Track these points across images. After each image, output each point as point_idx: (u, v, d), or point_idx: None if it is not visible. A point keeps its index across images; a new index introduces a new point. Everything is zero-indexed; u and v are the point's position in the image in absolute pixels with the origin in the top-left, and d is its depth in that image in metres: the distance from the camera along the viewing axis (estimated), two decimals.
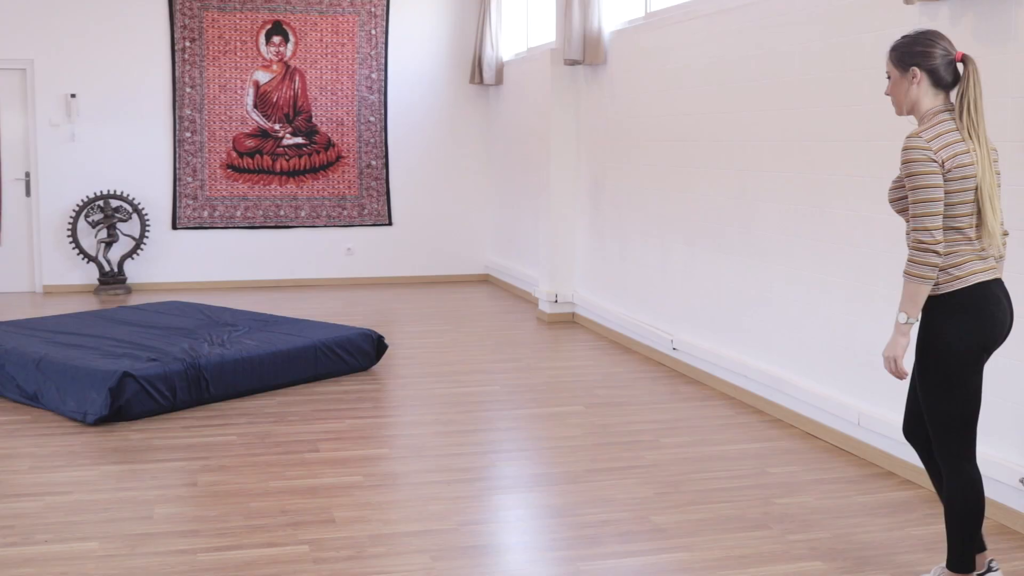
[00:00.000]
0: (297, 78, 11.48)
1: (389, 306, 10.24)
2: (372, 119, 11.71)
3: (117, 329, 7.36)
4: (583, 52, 8.64)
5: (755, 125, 6.33)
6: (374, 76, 11.66)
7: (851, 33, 5.39)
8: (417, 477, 5.11)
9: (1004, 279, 3.55)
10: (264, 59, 11.38)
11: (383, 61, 11.67)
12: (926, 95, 3.46)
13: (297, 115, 11.50)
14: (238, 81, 11.34)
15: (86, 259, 10.96)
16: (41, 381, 6.27)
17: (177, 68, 11.16)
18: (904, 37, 3.51)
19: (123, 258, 11.02)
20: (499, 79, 11.32)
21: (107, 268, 11.00)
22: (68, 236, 10.92)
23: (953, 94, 3.45)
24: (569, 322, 9.30)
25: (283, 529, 4.34)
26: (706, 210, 6.96)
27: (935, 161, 3.32)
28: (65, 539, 4.24)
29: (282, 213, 11.55)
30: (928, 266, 3.34)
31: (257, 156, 11.44)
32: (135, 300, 10.37)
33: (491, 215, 11.98)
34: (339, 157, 11.64)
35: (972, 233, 3.41)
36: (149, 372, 6.09)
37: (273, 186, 11.51)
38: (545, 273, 9.43)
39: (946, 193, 3.35)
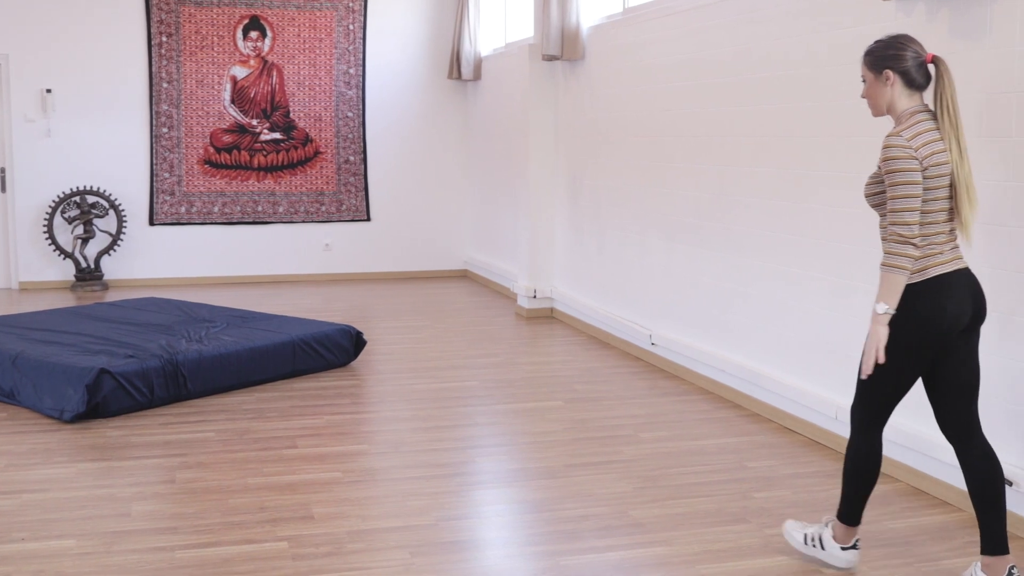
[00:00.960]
0: (275, 73, 11.44)
1: (367, 302, 10.23)
2: (350, 114, 11.68)
3: (94, 326, 7.32)
4: (561, 47, 8.64)
5: (733, 121, 6.34)
6: (352, 71, 11.64)
7: (828, 29, 5.41)
8: (396, 473, 5.11)
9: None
10: (241, 54, 11.34)
11: (361, 56, 11.65)
12: (901, 96, 3.59)
13: (275, 110, 11.47)
14: (215, 76, 11.29)
15: (63, 255, 10.90)
16: (17, 378, 6.24)
17: (154, 63, 11.11)
18: (877, 42, 3.64)
19: (100, 254, 10.96)
20: (477, 74, 11.31)
21: (84, 264, 10.94)
22: (44, 232, 10.86)
23: (928, 94, 3.58)
24: (548, 317, 9.30)
25: (261, 526, 4.33)
26: (685, 205, 6.97)
27: (915, 159, 3.44)
28: (42, 537, 4.22)
29: (260, 209, 11.52)
30: (906, 258, 3.46)
31: (235, 152, 11.40)
32: (112, 296, 10.32)
33: (470, 210, 11.98)
34: (317, 153, 11.61)
35: (947, 227, 3.55)
36: (126, 369, 6.06)
37: (251, 182, 11.47)
38: (524, 268, 9.43)
39: (924, 190, 3.46)
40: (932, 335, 3.55)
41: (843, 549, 3.89)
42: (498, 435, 5.76)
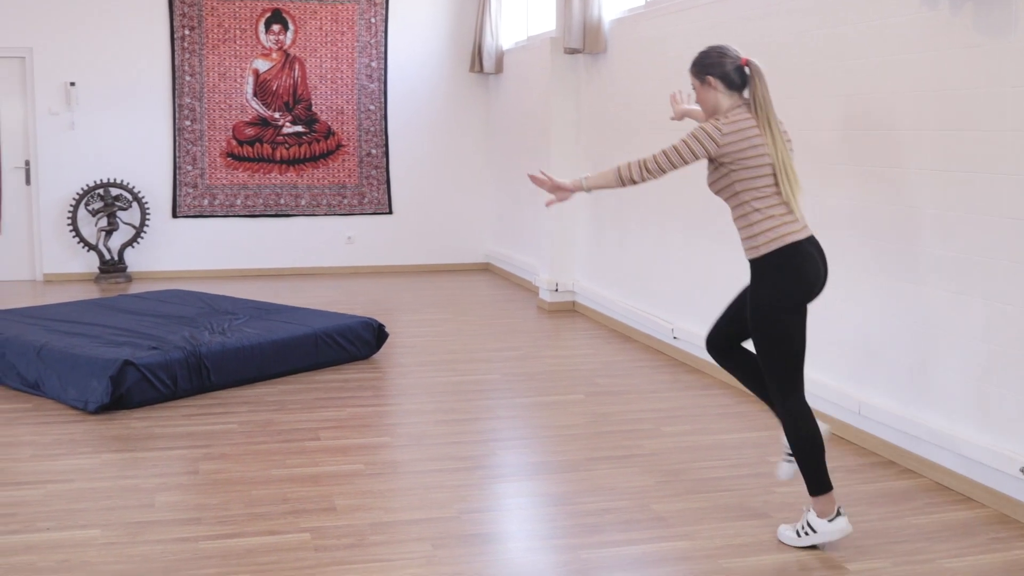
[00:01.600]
0: (297, 66, 11.46)
1: (389, 295, 10.25)
2: (372, 107, 11.70)
3: (118, 317, 7.36)
4: (583, 41, 8.63)
5: None
6: (374, 65, 11.65)
7: (850, 23, 5.38)
8: (418, 465, 5.12)
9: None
10: (264, 47, 11.37)
11: (383, 50, 11.66)
12: (724, 97, 4.11)
13: (297, 103, 11.49)
14: (238, 69, 11.32)
15: (86, 247, 10.96)
16: (42, 369, 6.28)
17: (177, 56, 11.15)
18: (699, 53, 4.18)
19: (123, 246, 11.02)
20: (499, 68, 11.31)
21: (107, 256, 11.00)
22: (68, 224, 10.92)
23: (747, 93, 4.10)
24: (569, 311, 9.30)
25: (284, 517, 4.35)
26: (706, 199, 6.94)
27: (715, 143, 3.97)
28: (67, 527, 4.25)
29: (282, 202, 11.55)
30: (633, 180, 4.12)
31: (257, 144, 11.44)
32: (135, 288, 10.37)
33: (491, 204, 11.98)
34: (339, 145, 11.63)
35: (779, 200, 4.01)
36: (150, 360, 6.10)
37: (273, 174, 11.51)
38: (545, 262, 9.44)
39: (745, 168, 3.98)
40: (806, 291, 4.00)
41: (830, 521, 4.02)
42: (520, 428, 5.77)
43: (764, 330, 4.03)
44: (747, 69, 4.07)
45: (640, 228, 8.02)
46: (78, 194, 10.91)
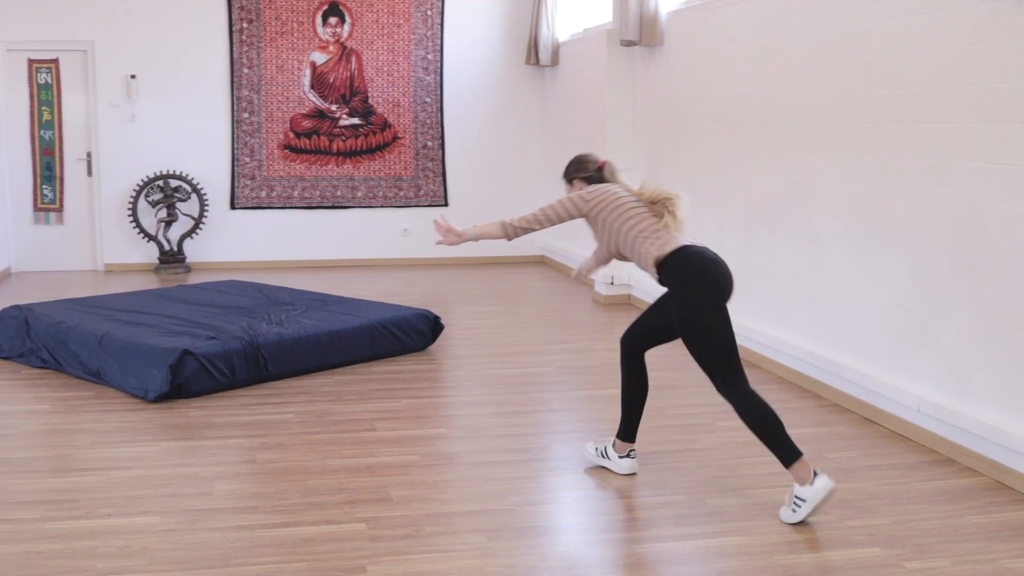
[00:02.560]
0: (353, 59, 11.52)
1: (445, 287, 10.27)
2: (428, 100, 11.73)
3: (177, 307, 7.45)
4: (640, 33, 8.59)
5: (814, 107, 6.26)
6: (430, 57, 11.68)
7: (912, 13, 5.31)
8: (473, 457, 5.13)
9: None
10: (321, 40, 11.43)
11: (439, 42, 11.68)
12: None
13: (354, 96, 11.55)
14: (295, 62, 11.40)
15: (146, 238, 11.10)
16: (103, 358, 6.37)
17: (235, 49, 11.25)
18: (568, 163, 5.02)
19: (182, 237, 11.15)
20: (555, 60, 11.29)
21: (167, 247, 11.13)
22: (129, 215, 11.07)
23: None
24: (625, 304, 9.27)
25: (340, 507, 4.38)
26: (763, 192, 6.90)
27: (580, 207, 4.72)
28: (127, 513, 4.31)
29: (339, 193, 11.62)
30: (516, 234, 4.73)
31: (314, 137, 11.51)
32: (194, 279, 10.49)
33: (547, 196, 11.93)
34: (395, 138, 11.68)
35: (660, 224, 4.60)
36: (209, 350, 6.16)
37: (330, 166, 11.58)
38: None
39: (618, 213, 4.66)
40: (710, 288, 4.43)
41: (811, 484, 4.19)
42: (574, 421, 5.76)
43: (687, 333, 4.42)
44: (604, 170, 4.94)
45: (696, 220, 7.95)
46: (138, 185, 11.04)
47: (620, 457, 4.83)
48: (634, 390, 4.89)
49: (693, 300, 4.42)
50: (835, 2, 6.03)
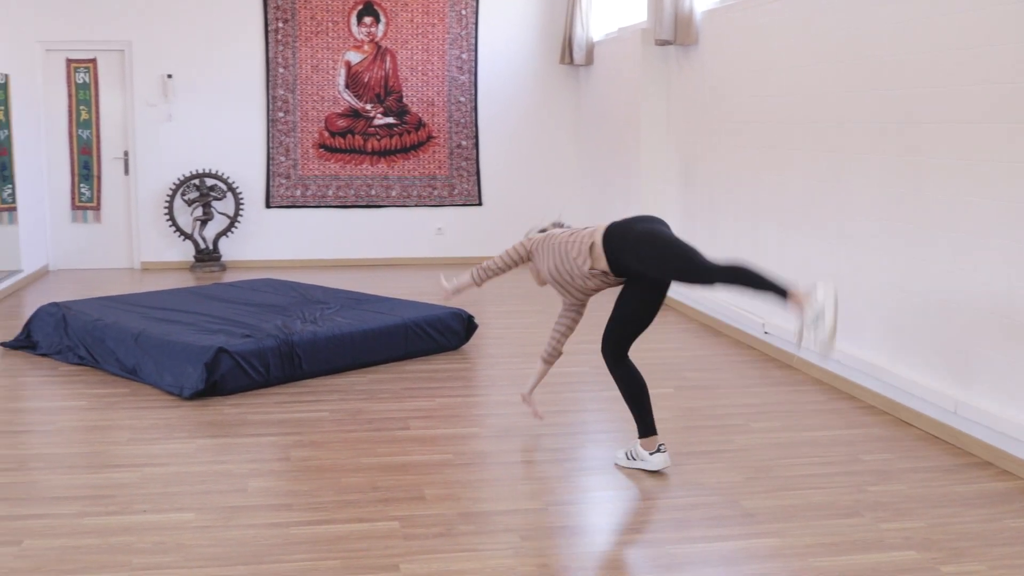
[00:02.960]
0: (388, 58, 11.55)
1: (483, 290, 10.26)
2: (462, 99, 11.75)
3: (212, 305, 7.49)
4: (675, 32, 8.57)
5: (850, 107, 6.22)
6: (464, 56, 11.69)
7: (952, 12, 5.26)
8: (506, 456, 5.14)
9: None
10: (355, 39, 11.47)
11: (473, 41, 11.69)
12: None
13: (388, 95, 11.58)
14: (330, 61, 11.44)
15: (182, 236, 11.17)
16: (139, 355, 6.42)
17: (270, 48, 11.31)
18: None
19: (218, 236, 11.22)
20: (589, 59, 11.27)
21: (203, 245, 11.20)
22: (165, 214, 11.15)
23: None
24: None
25: (374, 505, 4.39)
26: (799, 193, 6.87)
27: (524, 250, 5.23)
28: (162, 509, 4.34)
29: (373, 193, 11.66)
30: (482, 278, 5.31)
31: (349, 136, 11.55)
32: (229, 277, 10.55)
33: (581, 196, 11.95)
34: (430, 137, 11.70)
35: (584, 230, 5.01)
36: (244, 348, 6.19)
37: (364, 166, 11.61)
38: None
39: (551, 239, 5.11)
40: (651, 217, 4.96)
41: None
42: (608, 421, 5.75)
43: (671, 262, 4.67)
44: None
45: (732, 221, 7.94)
46: (175, 184, 11.12)
47: (651, 454, 4.85)
48: (634, 390, 4.95)
49: (651, 235, 4.72)
50: (870, 3, 5.99)
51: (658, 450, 4.85)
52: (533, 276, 5.29)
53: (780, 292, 4.35)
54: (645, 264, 4.70)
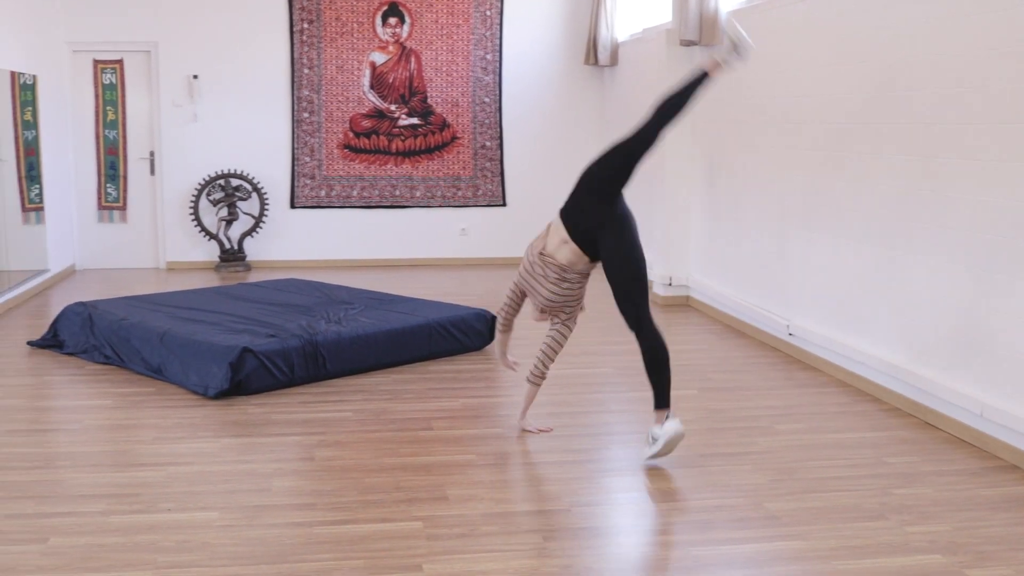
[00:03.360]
0: (413, 59, 11.57)
1: (502, 286, 10.21)
2: (487, 100, 11.75)
3: (237, 305, 7.52)
4: (699, 33, 8.54)
5: (875, 107, 6.19)
6: (489, 57, 11.70)
7: (981, 12, 5.23)
8: (529, 457, 5.13)
9: None
10: (380, 40, 11.49)
11: (498, 42, 11.70)
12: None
13: (413, 96, 11.60)
14: (355, 62, 11.47)
15: (207, 236, 11.22)
16: (165, 355, 6.45)
17: (295, 49, 11.34)
18: None
19: (243, 236, 11.26)
20: (614, 60, 11.26)
21: (227, 246, 11.25)
22: (190, 214, 11.20)
23: None
24: (683, 305, 9.23)
25: (397, 505, 4.40)
26: (824, 193, 6.83)
27: (519, 275, 5.43)
28: (187, 508, 4.36)
29: (397, 193, 11.68)
30: (503, 330, 5.79)
31: (373, 136, 11.57)
32: (254, 277, 10.59)
33: None
34: (454, 138, 11.71)
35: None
36: (268, 348, 6.21)
37: (389, 166, 11.64)
38: (659, 256, 9.37)
39: (533, 269, 5.41)
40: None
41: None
42: (631, 422, 5.74)
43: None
44: None
45: (757, 222, 7.91)
46: (200, 184, 11.17)
47: (662, 426, 4.94)
48: (648, 359, 5.05)
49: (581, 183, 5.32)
50: (895, 2, 5.96)
51: (667, 419, 4.94)
52: (533, 313, 5.52)
53: (699, 79, 5.08)
54: (592, 193, 5.22)
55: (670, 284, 9.24)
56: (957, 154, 5.43)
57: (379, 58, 11.52)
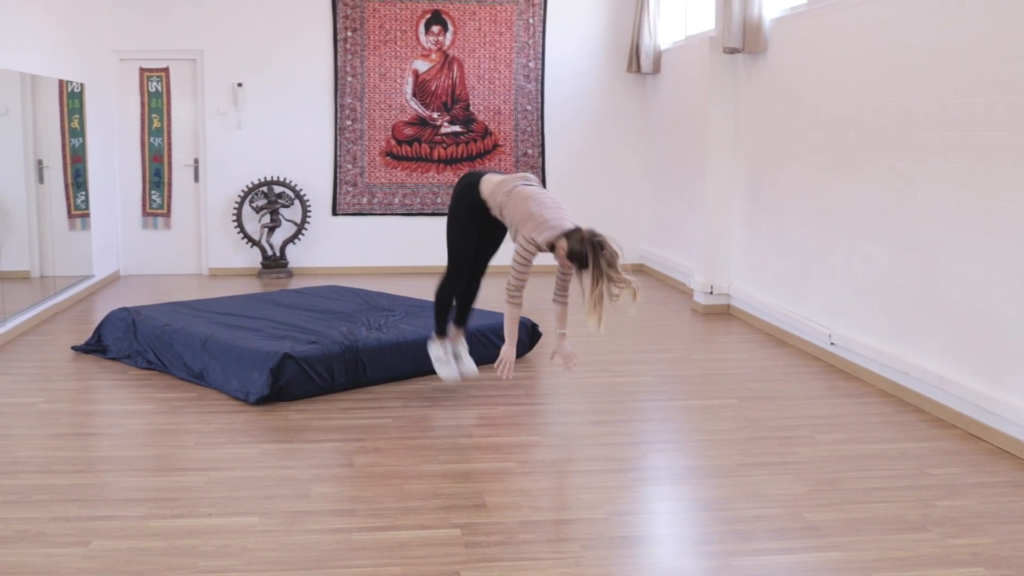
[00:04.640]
0: (455, 67, 11.60)
1: (543, 294, 10.24)
2: (529, 108, 11.76)
3: (279, 312, 7.56)
4: (743, 40, 8.51)
5: (921, 115, 6.13)
6: (531, 65, 11.71)
7: (1023, 19, 5.18)
8: (569, 465, 5.13)
9: None
10: (423, 48, 11.53)
11: (540, 50, 11.70)
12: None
13: (455, 104, 11.63)
14: (398, 70, 11.52)
15: (250, 243, 11.30)
16: (207, 360, 6.49)
17: (339, 57, 11.41)
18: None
19: (285, 243, 11.33)
20: (656, 68, 11.23)
21: (270, 252, 11.32)
22: (233, 221, 11.28)
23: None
24: (724, 314, 9.19)
25: (436, 512, 4.40)
26: (868, 202, 6.78)
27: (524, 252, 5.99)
28: (227, 513, 4.38)
29: (439, 200, 11.70)
30: (511, 299, 6.13)
31: (415, 144, 11.61)
32: (296, 284, 10.65)
33: (646, 204, 11.91)
34: (496, 145, 11.73)
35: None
36: (309, 354, 6.24)
37: (431, 174, 11.67)
38: (700, 264, 9.34)
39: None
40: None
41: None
42: (671, 431, 5.72)
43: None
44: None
45: (798, 230, 7.86)
46: (243, 192, 11.25)
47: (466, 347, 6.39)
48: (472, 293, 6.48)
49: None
50: (944, 7, 5.91)
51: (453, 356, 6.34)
52: (560, 263, 6.00)
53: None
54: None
55: (711, 292, 9.20)
56: (1003, 162, 5.37)
57: (422, 66, 11.56)
